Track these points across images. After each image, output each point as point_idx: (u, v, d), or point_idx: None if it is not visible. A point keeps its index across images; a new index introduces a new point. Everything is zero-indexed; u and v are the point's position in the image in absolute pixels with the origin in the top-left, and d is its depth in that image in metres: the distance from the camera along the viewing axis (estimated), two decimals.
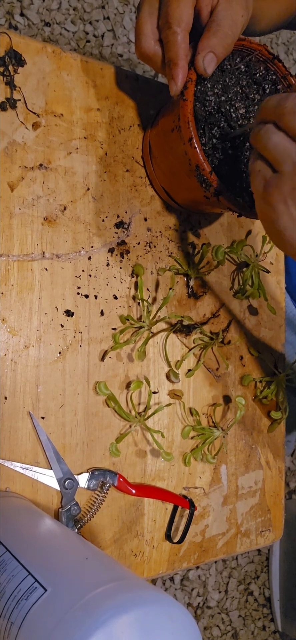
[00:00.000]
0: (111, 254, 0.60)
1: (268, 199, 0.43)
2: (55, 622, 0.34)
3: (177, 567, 0.64)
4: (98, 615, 0.33)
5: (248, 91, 0.55)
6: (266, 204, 0.43)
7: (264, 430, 0.71)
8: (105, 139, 0.61)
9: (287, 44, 1.79)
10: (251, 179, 0.46)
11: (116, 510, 0.60)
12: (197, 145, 0.51)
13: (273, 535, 0.73)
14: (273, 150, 0.42)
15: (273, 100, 0.43)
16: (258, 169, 0.44)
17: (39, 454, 0.55)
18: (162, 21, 0.49)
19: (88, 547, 0.46)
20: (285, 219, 0.42)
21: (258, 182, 0.44)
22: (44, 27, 1.43)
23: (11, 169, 0.55)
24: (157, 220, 0.64)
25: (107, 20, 1.50)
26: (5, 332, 0.54)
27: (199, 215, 0.67)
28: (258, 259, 0.70)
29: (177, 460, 0.64)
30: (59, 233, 0.57)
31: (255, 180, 0.45)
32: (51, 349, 0.56)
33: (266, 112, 0.43)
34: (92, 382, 0.58)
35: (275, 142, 0.42)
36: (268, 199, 0.43)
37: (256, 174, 0.44)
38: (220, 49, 0.49)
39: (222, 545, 0.68)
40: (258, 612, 1.71)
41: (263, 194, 0.44)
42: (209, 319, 0.67)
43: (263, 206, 0.44)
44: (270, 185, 0.43)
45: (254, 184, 0.45)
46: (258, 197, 0.45)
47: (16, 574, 0.39)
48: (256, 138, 0.44)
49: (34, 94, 0.57)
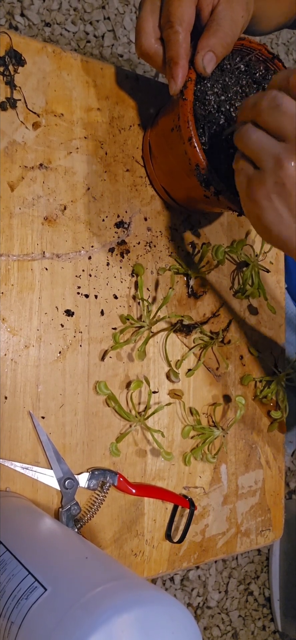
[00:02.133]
0: (111, 253, 0.60)
1: (252, 196, 0.44)
2: (55, 621, 0.34)
3: (177, 567, 0.64)
4: (99, 614, 0.33)
5: (248, 90, 0.55)
6: (251, 201, 0.44)
7: (264, 429, 0.71)
8: (106, 139, 0.61)
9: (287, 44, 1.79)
10: (236, 177, 0.46)
11: (116, 510, 0.60)
12: (197, 145, 0.51)
13: (273, 534, 0.73)
14: (254, 147, 0.43)
15: (250, 99, 0.44)
16: (240, 168, 0.45)
17: (39, 454, 0.55)
18: (163, 20, 0.49)
19: (89, 547, 0.46)
20: (270, 214, 0.43)
21: (242, 180, 0.45)
22: (45, 27, 1.43)
23: (11, 169, 0.55)
24: (157, 220, 0.64)
25: (107, 21, 1.50)
26: (6, 331, 0.54)
27: (199, 215, 0.67)
28: (258, 259, 0.70)
29: (177, 459, 0.64)
30: (59, 233, 0.57)
31: (239, 178, 0.46)
32: (51, 348, 0.56)
33: (245, 112, 0.44)
34: (92, 381, 0.58)
35: (255, 139, 0.43)
36: (252, 196, 0.44)
37: (240, 172, 0.45)
38: (220, 49, 0.49)
39: (222, 545, 0.68)
40: (258, 612, 1.71)
41: (247, 192, 0.44)
42: (209, 318, 0.67)
43: (248, 204, 0.45)
44: (253, 183, 0.44)
45: (238, 183, 0.46)
46: (243, 195, 0.46)
47: (16, 573, 0.39)
48: (237, 138, 0.45)
49: (34, 93, 0.57)
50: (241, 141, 0.44)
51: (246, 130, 0.43)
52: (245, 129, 0.44)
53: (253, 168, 0.44)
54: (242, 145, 0.44)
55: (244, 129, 0.44)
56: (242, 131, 0.44)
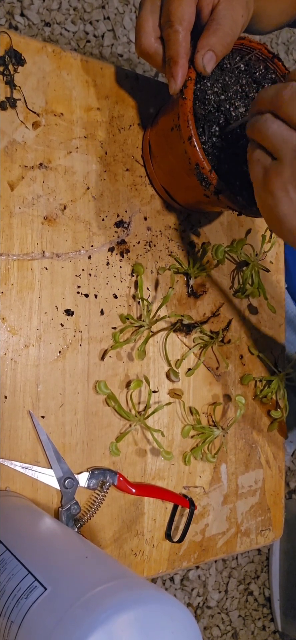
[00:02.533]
0: (111, 253, 0.60)
1: (268, 187, 0.44)
2: (55, 620, 0.34)
3: (177, 567, 0.64)
4: (98, 613, 0.33)
5: (247, 90, 0.55)
6: (266, 191, 0.44)
7: (264, 429, 0.71)
8: (105, 138, 0.61)
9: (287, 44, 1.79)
10: (250, 168, 0.46)
11: (116, 510, 0.60)
12: (197, 144, 0.51)
13: (273, 534, 0.73)
14: (272, 138, 0.43)
15: (270, 90, 0.43)
16: (257, 158, 0.45)
17: (39, 453, 0.55)
18: (163, 19, 0.49)
19: (88, 546, 0.46)
20: (285, 206, 0.43)
21: (258, 171, 0.45)
22: (44, 27, 1.43)
23: (11, 168, 0.55)
24: (156, 220, 0.64)
25: (107, 20, 1.50)
26: (5, 331, 0.54)
27: (199, 214, 0.67)
28: (258, 258, 0.70)
29: (177, 459, 0.64)
30: (59, 232, 0.57)
31: (255, 169, 0.45)
32: (51, 348, 0.56)
33: (263, 103, 0.44)
34: (92, 381, 0.58)
35: (274, 130, 0.43)
36: (268, 186, 0.44)
37: (256, 162, 0.45)
38: (220, 48, 0.49)
39: (222, 545, 0.68)
40: (258, 612, 1.71)
41: (263, 182, 0.44)
42: (209, 318, 0.67)
43: (263, 194, 0.45)
44: (269, 173, 0.43)
45: (253, 173, 0.46)
46: (258, 186, 0.45)
47: (16, 572, 0.39)
48: (253, 129, 0.45)
49: (34, 93, 0.57)
50: (258, 131, 0.44)
51: (266, 120, 0.43)
52: (264, 119, 0.43)
53: (270, 159, 0.44)
54: (260, 135, 0.44)
55: (263, 119, 0.43)
56: (261, 121, 0.44)
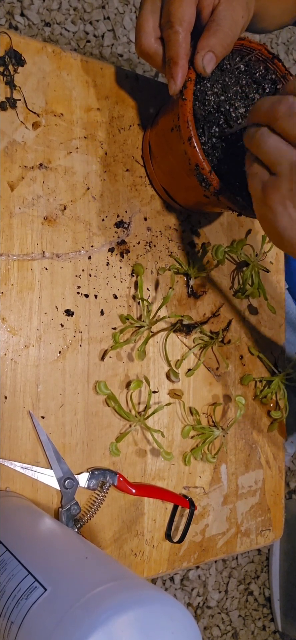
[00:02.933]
0: (111, 253, 0.60)
1: (266, 201, 0.44)
2: (55, 621, 0.34)
3: (177, 567, 0.64)
4: (98, 614, 0.33)
5: (247, 90, 0.55)
6: (265, 206, 0.44)
7: (264, 429, 0.71)
8: (105, 139, 0.61)
9: (287, 44, 1.79)
10: (249, 181, 0.46)
11: (116, 510, 0.60)
12: (197, 145, 0.51)
13: (273, 534, 0.73)
14: (269, 153, 0.43)
15: (266, 103, 0.43)
16: (255, 172, 0.45)
17: (39, 454, 0.55)
18: (163, 20, 0.49)
19: (88, 547, 0.46)
20: (283, 220, 0.43)
21: (256, 185, 0.45)
22: (44, 27, 1.43)
23: (11, 169, 0.55)
24: (156, 220, 0.64)
25: (107, 20, 1.50)
26: (5, 331, 0.54)
27: (199, 215, 0.67)
28: (258, 259, 0.70)
29: (176, 459, 0.64)
30: (59, 232, 0.57)
31: (253, 183, 0.45)
32: (51, 348, 0.56)
33: (259, 116, 0.44)
34: (92, 381, 0.58)
35: (271, 145, 0.43)
36: (267, 201, 0.44)
37: (254, 176, 0.45)
38: (220, 49, 0.49)
39: (222, 545, 0.68)
40: (258, 612, 1.71)
41: (261, 196, 0.44)
42: (209, 318, 0.67)
43: (261, 208, 0.45)
44: (267, 188, 0.43)
45: (252, 187, 0.46)
46: (257, 200, 0.45)
47: (16, 573, 0.39)
48: (251, 141, 0.45)
49: (34, 93, 0.57)
50: (255, 145, 0.44)
51: (262, 134, 0.43)
52: (260, 132, 0.43)
53: (268, 173, 0.44)
54: (257, 149, 0.44)
55: (259, 133, 0.43)
56: (257, 135, 0.44)
